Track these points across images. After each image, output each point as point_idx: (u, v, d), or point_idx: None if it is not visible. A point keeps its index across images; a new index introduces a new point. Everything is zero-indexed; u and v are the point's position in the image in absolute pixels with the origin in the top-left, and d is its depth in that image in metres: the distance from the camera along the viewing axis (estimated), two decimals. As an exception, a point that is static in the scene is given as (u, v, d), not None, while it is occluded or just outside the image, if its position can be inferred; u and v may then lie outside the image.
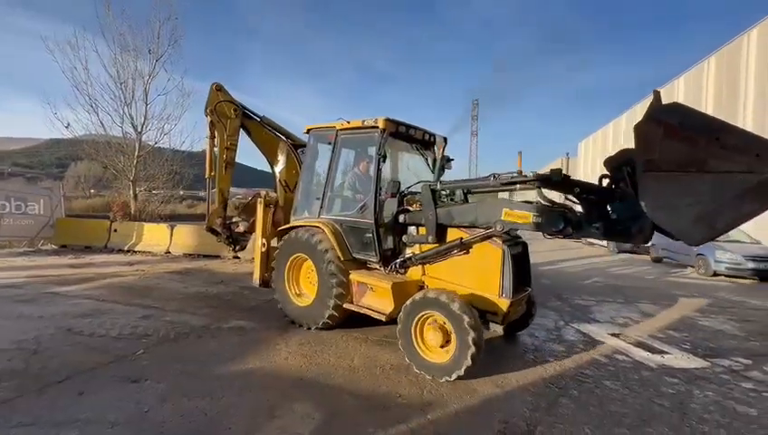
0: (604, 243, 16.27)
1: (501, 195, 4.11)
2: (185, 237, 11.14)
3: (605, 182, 3.37)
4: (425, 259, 4.23)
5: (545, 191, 3.52)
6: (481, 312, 3.75)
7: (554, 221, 3.38)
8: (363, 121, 4.62)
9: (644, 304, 7.10)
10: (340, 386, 3.47)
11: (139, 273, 8.19)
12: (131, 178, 14.81)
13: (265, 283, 5.50)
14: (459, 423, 2.98)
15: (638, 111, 21.88)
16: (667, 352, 4.73)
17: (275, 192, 6.37)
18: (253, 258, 9.69)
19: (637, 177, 2.71)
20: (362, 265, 4.72)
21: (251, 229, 6.29)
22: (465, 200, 4.10)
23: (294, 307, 4.99)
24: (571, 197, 3.49)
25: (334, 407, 3.09)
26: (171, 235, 11.20)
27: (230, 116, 6.11)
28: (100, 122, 14.69)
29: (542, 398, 3.41)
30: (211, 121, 6.05)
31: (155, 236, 11.39)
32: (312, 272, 4.90)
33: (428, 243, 4.14)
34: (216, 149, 6.16)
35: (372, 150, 4.74)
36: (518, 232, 4.32)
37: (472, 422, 3.01)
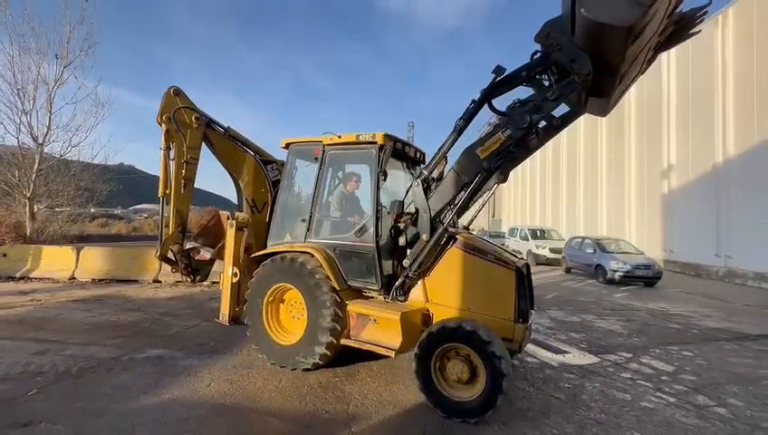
0: (524, 255, 17.88)
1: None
2: (94, 261, 10.00)
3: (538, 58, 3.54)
4: (422, 267, 3.92)
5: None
6: None
7: (520, 119, 3.38)
8: (358, 136, 4.30)
9: (553, 310, 7.97)
10: (265, 408, 3.42)
11: (34, 303, 7.20)
12: (28, 194, 12.99)
13: (235, 319, 4.83)
14: (382, 433, 3.13)
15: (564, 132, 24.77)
16: (567, 352, 5.38)
17: (241, 212, 5.64)
18: (177, 281, 9.13)
19: None
20: (358, 293, 4.34)
21: (219, 256, 5.47)
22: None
23: (275, 346, 4.38)
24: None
25: (257, 430, 3.06)
26: (77, 258, 9.99)
27: (191, 126, 5.34)
28: (-11, 131, 12.83)
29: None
30: (167, 130, 5.26)
31: (56, 261, 10.07)
32: (296, 304, 4.43)
33: (425, 244, 3.83)
34: (171, 162, 5.35)
35: (364, 168, 4.52)
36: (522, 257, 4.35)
37: (393, 432, 3.17)
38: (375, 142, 4.14)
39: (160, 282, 9.48)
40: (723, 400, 4.04)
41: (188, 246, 5.68)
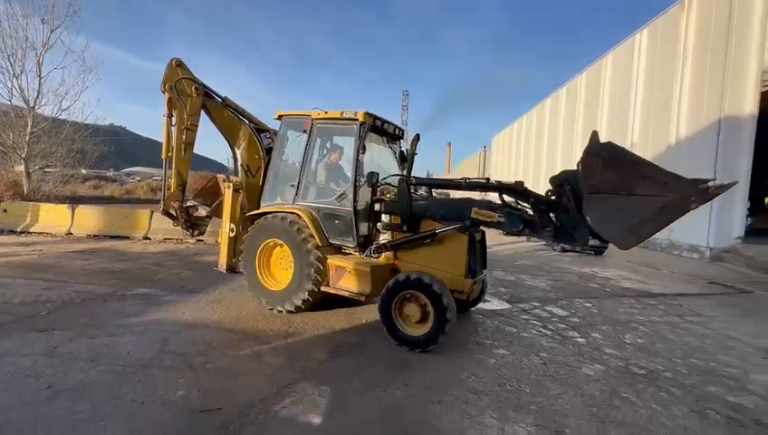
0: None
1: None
2: (89, 218, 10.93)
3: (551, 196, 3.91)
4: (398, 245, 4.63)
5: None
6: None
7: (515, 222, 3.95)
8: (342, 113, 4.81)
9: (496, 271, 9.09)
10: (225, 327, 4.51)
11: (36, 252, 8.18)
12: (23, 155, 13.68)
13: (231, 268, 5.57)
14: (309, 344, 4.22)
15: (548, 104, 25.28)
16: (488, 301, 6.50)
17: (237, 176, 6.24)
18: (166, 238, 10.12)
19: (583, 198, 3.28)
20: (337, 250, 5.02)
21: (214, 213, 6.30)
22: (430, 194, 4.85)
23: (266, 291, 5.13)
24: (524, 204, 4.08)
25: (216, 338, 4.14)
26: (73, 215, 10.90)
27: (191, 94, 5.86)
28: (-17, 94, 13.33)
29: (377, 330, 4.67)
30: (169, 99, 5.80)
31: (54, 217, 10.98)
32: (284, 257, 5.13)
33: (403, 232, 4.55)
34: (173, 128, 5.94)
35: (347, 141, 5.08)
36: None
37: (318, 344, 4.25)
38: (357, 119, 4.67)
39: (150, 239, 10.47)
40: (588, 334, 5.16)
41: (188, 204, 6.55)
